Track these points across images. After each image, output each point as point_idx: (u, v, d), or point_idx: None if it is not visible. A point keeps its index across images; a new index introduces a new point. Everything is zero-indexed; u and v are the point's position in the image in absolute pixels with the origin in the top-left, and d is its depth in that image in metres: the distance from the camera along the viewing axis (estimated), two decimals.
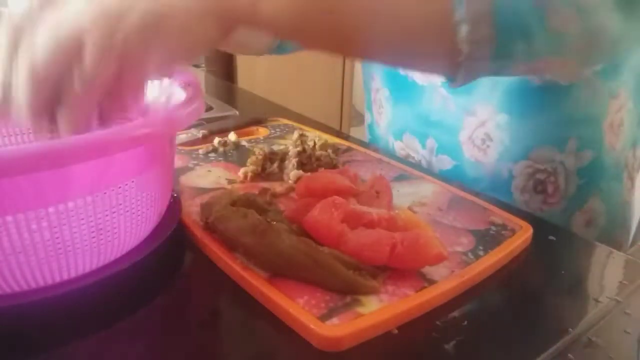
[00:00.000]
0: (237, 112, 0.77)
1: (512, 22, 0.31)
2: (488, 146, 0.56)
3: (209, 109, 0.79)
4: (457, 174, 0.59)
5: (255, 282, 0.32)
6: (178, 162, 0.52)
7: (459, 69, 0.33)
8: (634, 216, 0.64)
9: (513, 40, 0.31)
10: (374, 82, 0.69)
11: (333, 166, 0.51)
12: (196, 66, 1.56)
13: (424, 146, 0.62)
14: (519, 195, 0.56)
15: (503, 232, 0.40)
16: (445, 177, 0.53)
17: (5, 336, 0.28)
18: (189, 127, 0.61)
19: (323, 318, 0.29)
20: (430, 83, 0.59)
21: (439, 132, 0.60)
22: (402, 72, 0.61)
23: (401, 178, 0.51)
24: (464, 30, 0.30)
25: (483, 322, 0.31)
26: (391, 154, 0.63)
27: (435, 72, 0.37)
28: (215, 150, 0.56)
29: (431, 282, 0.33)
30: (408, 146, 0.65)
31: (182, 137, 0.59)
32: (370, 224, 0.35)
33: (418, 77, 0.60)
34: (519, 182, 0.56)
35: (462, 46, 0.31)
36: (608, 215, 0.59)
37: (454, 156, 0.59)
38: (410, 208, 0.44)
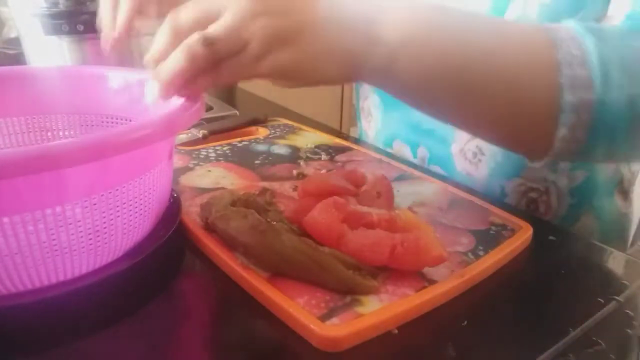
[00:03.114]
0: (237, 112, 0.77)
1: (604, 133, 0.33)
2: (480, 160, 0.55)
3: (209, 109, 0.79)
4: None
5: (255, 282, 0.32)
6: (178, 162, 0.52)
7: (543, 156, 0.36)
8: (632, 225, 0.63)
9: (598, 146, 0.34)
10: (362, 89, 0.68)
11: None
12: None
13: (415, 155, 0.61)
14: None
15: (503, 232, 0.40)
16: (446, 177, 0.53)
17: (2, 336, 0.28)
18: (189, 127, 0.61)
19: (323, 318, 0.29)
20: None
21: (431, 141, 0.59)
22: None
23: (401, 178, 0.51)
24: (562, 132, 0.33)
25: (483, 323, 0.31)
26: (391, 154, 0.63)
27: (518, 151, 0.40)
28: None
29: (431, 282, 0.33)
30: (398, 153, 0.63)
31: (182, 137, 0.59)
32: (370, 225, 0.35)
33: None
34: (512, 200, 0.55)
35: (556, 143, 0.34)
36: (602, 231, 0.58)
37: (446, 168, 0.58)
38: (410, 208, 0.44)
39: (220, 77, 0.32)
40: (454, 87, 0.34)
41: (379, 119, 0.66)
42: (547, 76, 0.32)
